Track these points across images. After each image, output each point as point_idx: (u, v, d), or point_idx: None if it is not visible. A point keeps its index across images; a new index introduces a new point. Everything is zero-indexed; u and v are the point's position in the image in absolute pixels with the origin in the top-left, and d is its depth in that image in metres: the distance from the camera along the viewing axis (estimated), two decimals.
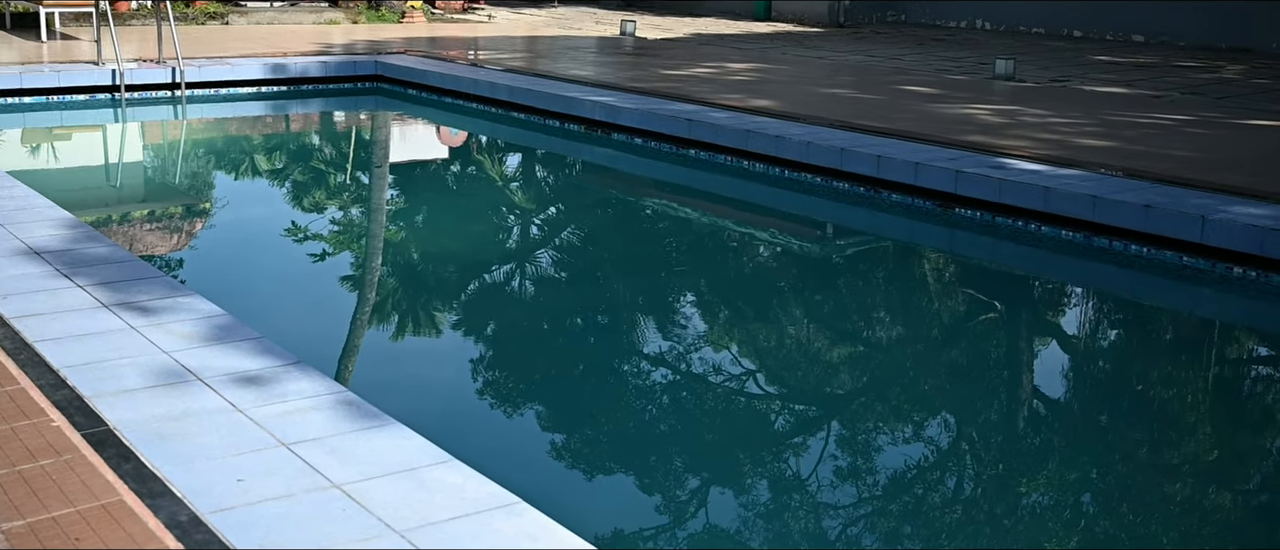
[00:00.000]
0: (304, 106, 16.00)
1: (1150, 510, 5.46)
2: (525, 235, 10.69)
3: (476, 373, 6.93)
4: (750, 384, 7.00)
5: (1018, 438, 6.42)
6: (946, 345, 7.92)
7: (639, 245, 10.10)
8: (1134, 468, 5.91)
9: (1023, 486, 5.62)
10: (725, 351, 7.49)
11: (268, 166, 12.79)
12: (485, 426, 6.12)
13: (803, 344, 7.89)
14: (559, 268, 9.50)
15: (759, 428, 6.37)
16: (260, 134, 14.62)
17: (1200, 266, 8.47)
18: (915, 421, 6.51)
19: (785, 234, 10.39)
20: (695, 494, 5.44)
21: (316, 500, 3.97)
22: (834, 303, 8.76)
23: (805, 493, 5.51)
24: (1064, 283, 9.35)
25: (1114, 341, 8.37)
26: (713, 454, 5.95)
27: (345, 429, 4.53)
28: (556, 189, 12.89)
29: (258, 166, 12.70)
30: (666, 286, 8.96)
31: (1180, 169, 9.97)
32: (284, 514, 3.87)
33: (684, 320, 8.10)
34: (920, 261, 10.01)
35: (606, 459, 5.85)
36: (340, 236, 10.03)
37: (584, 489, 5.42)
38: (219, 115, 15.07)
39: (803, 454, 5.95)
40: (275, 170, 12.71)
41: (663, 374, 7.07)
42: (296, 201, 11.28)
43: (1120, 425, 6.50)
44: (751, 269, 9.71)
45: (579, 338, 7.74)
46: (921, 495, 5.61)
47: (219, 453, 4.29)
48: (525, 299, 8.73)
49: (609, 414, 6.37)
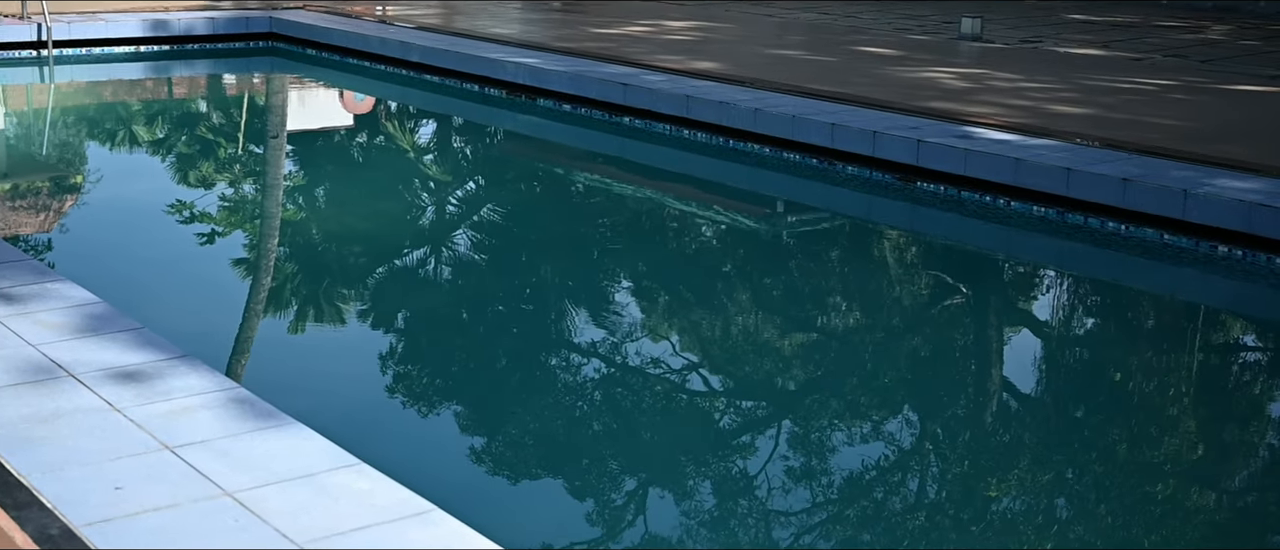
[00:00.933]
0: (189, 68, 15.80)
1: (1130, 513, 5.54)
2: (441, 213, 10.64)
3: (386, 367, 6.89)
4: (693, 378, 6.99)
5: (986, 435, 6.48)
6: (908, 334, 7.98)
7: (568, 224, 10.07)
8: (1112, 467, 5.99)
9: (992, 489, 5.69)
10: (665, 342, 7.49)
11: (148, 136, 12.63)
12: (396, 427, 6.08)
13: (750, 334, 7.91)
14: (479, 250, 9.46)
15: (702, 427, 6.38)
16: (139, 99, 14.41)
17: (1182, 245, 8.58)
18: (874, 419, 6.55)
19: (731, 211, 10.40)
20: (631, 499, 5.45)
21: (205, 510, 3.93)
22: (785, 287, 8.79)
23: (753, 498, 5.54)
24: (1035, 263, 9.44)
25: (1090, 328, 8.48)
26: (651, 456, 5.96)
27: (237, 430, 4.50)
28: (476, 161, 12.81)
29: (136, 136, 12.54)
30: (599, 270, 8.94)
31: (1161, 139, 10.13)
32: (168, 526, 3.83)
33: (619, 308, 8.10)
34: (879, 241, 10.05)
35: (532, 462, 5.84)
36: (231, 215, 9.93)
37: (507, 495, 5.41)
38: (92, 78, 14.85)
39: (750, 456, 5.97)
40: (156, 141, 12.56)
41: (595, 368, 7.07)
42: (181, 176, 11.16)
43: (1097, 420, 6.58)
44: (693, 250, 9.70)
45: (502, 328, 7.71)
46: (881, 499, 5.66)
47: (94, 458, 4.24)
48: (441, 285, 8.68)
49: (535, 412, 6.35)
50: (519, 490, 5.51)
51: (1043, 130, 10.37)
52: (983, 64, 14.42)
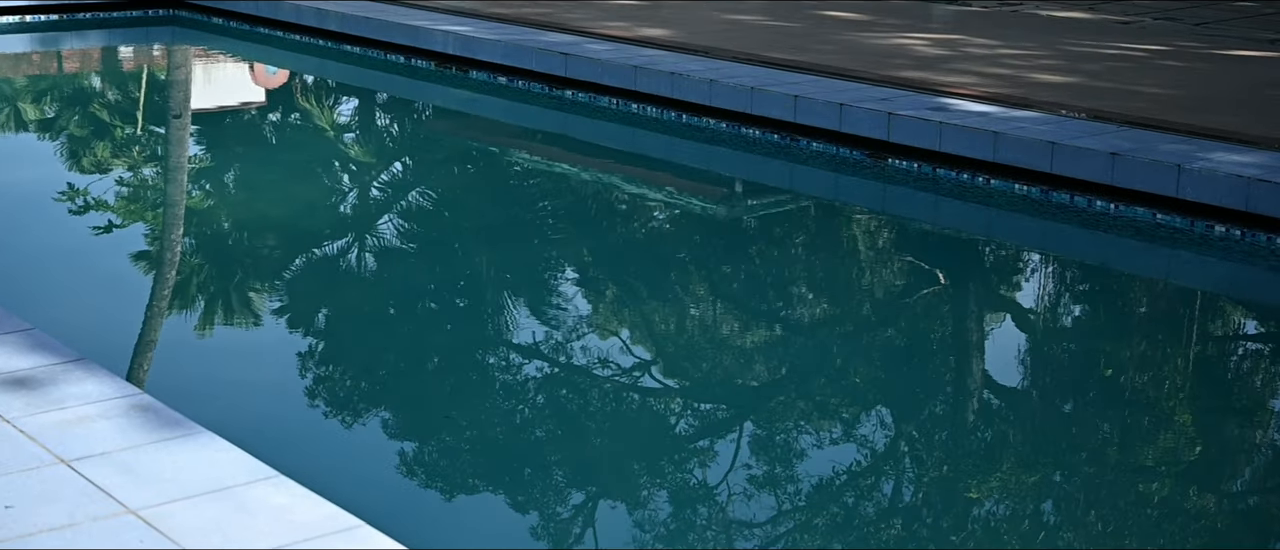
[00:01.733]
0: (81, 40, 15.66)
1: (1123, 516, 5.56)
2: (364, 199, 10.60)
3: (306, 369, 6.86)
4: (645, 378, 6.99)
5: (966, 435, 6.51)
6: (881, 326, 8.00)
7: (506, 210, 10.03)
8: (1103, 467, 6.03)
9: (973, 492, 5.72)
10: (614, 339, 7.49)
11: (35, 115, 12.51)
12: (319, 435, 6.05)
13: (708, 328, 7.92)
14: (407, 239, 9.42)
15: (657, 431, 6.38)
16: (25, 74, 14.27)
17: (1176, 225, 8.65)
18: (845, 420, 6.57)
19: (684, 193, 10.40)
20: (579, 513, 5.44)
21: (106, 530, 3.90)
22: (745, 277, 8.79)
23: (713, 509, 5.54)
24: (1018, 246, 9.49)
25: (1078, 317, 8.53)
26: (600, 464, 5.94)
27: (141, 441, 4.46)
28: (402, 141, 12.75)
29: (23, 116, 12.42)
30: (541, 260, 8.92)
31: (1152, 109, 10.21)
32: (65, 548, 3.79)
33: (563, 302, 8.08)
34: (847, 224, 10.07)
35: (470, 472, 5.82)
36: (130, 203, 9.85)
37: (442, 509, 5.39)
38: None
39: (710, 463, 5.96)
40: (45, 121, 12.45)
41: (538, 368, 7.05)
42: (73, 160, 11.06)
43: (1086, 417, 6.62)
44: (644, 237, 9.70)
45: (434, 325, 7.68)
46: (852, 508, 5.68)
47: None
48: (366, 278, 8.64)
49: (472, 418, 6.33)
50: (455, 504, 5.49)
51: (1024, 101, 10.44)
52: (958, 29, 14.50)
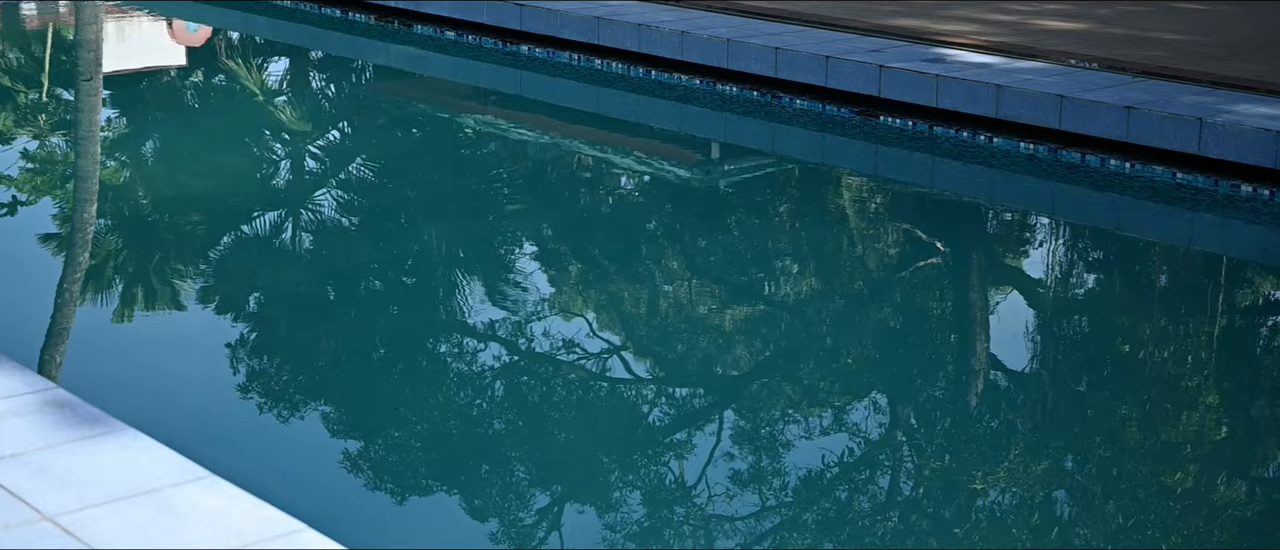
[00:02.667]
0: None
1: (1143, 509, 5.59)
2: (298, 170, 10.57)
3: (238, 359, 6.84)
4: (614, 364, 7.00)
5: (969, 423, 6.52)
6: (874, 303, 8.02)
7: (457, 179, 10.03)
8: (1121, 455, 6.04)
9: (978, 485, 5.72)
10: (578, 321, 7.50)
11: None
12: (253, 432, 6.04)
13: (682, 308, 7.92)
14: (347, 213, 9.40)
15: (628, 423, 6.39)
16: None
17: (1198, 185, 8.71)
18: (835, 408, 6.58)
19: (655, 158, 10.40)
20: (543, 516, 5.43)
21: (20, 538, 3.88)
22: (722, 250, 8.80)
23: (690, 509, 5.54)
24: (1024, 212, 9.53)
25: (1090, 288, 8.55)
26: (565, 461, 5.94)
27: (57, 440, 4.44)
28: (340, 104, 12.71)
29: None
30: (496, 235, 8.92)
31: (1171, 58, 10.23)
32: None
33: (521, 281, 8.07)
34: (835, 190, 10.07)
35: (421, 471, 5.81)
36: (36, 177, 9.80)
37: (391, 511, 5.38)
38: None
39: (686, 457, 5.97)
40: None
41: (495, 355, 7.06)
42: None
43: (1101, 399, 6.65)
44: (610, 207, 9.71)
45: (379, 309, 7.68)
46: (845, 505, 5.68)
47: None
48: (302, 257, 8.62)
49: (423, 411, 6.33)
50: (406, 507, 5.48)
51: (1030, 50, 10.45)
52: None
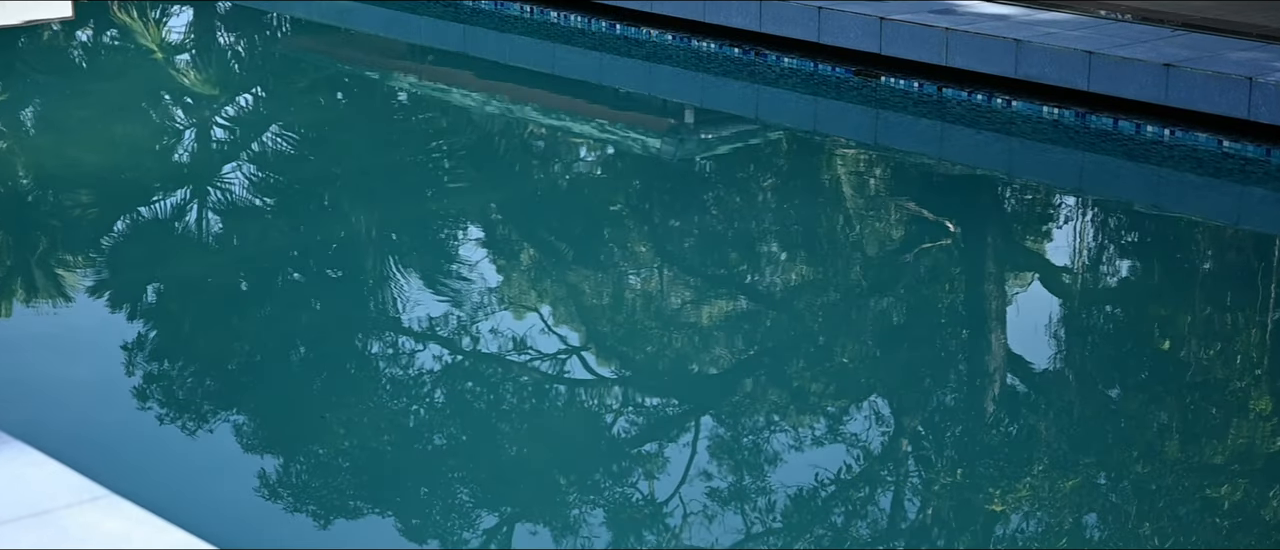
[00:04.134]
0: None
1: (1185, 530, 5.59)
2: (206, 141, 10.53)
3: (137, 362, 6.82)
4: (573, 366, 7.00)
5: (986, 431, 6.53)
6: (874, 293, 8.02)
7: (390, 151, 10.03)
8: (1160, 469, 6.07)
9: (996, 504, 5.74)
10: (531, 317, 7.50)
11: None
12: (158, 446, 6.01)
13: (652, 301, 7.91)
14: (263, 192, 9.39)
15: (588, 434, 6.37)
16: None
17: (1248, 154, 8.78)
18: (830, 415, 6.59)
19: (620, 126, 10.41)
20: (492, 538, 5.43)
21: None
22: (699, 233, 8.78)
23: (663, 532, 5.56)
24: (1047, 187, 9.56)
25: (1124, 276, 8.57)
26: (516, 478, 5.91)
27: None
28: (253, 64, 12.74)
29: None
30: (435, 217, 8.91)
31: (1216, 8, 10.26)
32: None
33: (465, 270, 8.05)
34: (830, 162, 10.09)
35: (350, 490, 5.78)
36: None
37: (316, 537, 5.36)
38: None
39: (658, 473, 5.96)
40: None
41: (435, 356, 7.04)
42: None
43: (1137, 405, 6.70)
44: (568, 184, 9.72)
45: (300, 304, 7.68)
46: (841, 526, 5.67)
47: None
48: (210, 245, 8.54)
49: (352, 419, 6.29)
50: (333, 530, 5.46)
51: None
52: None
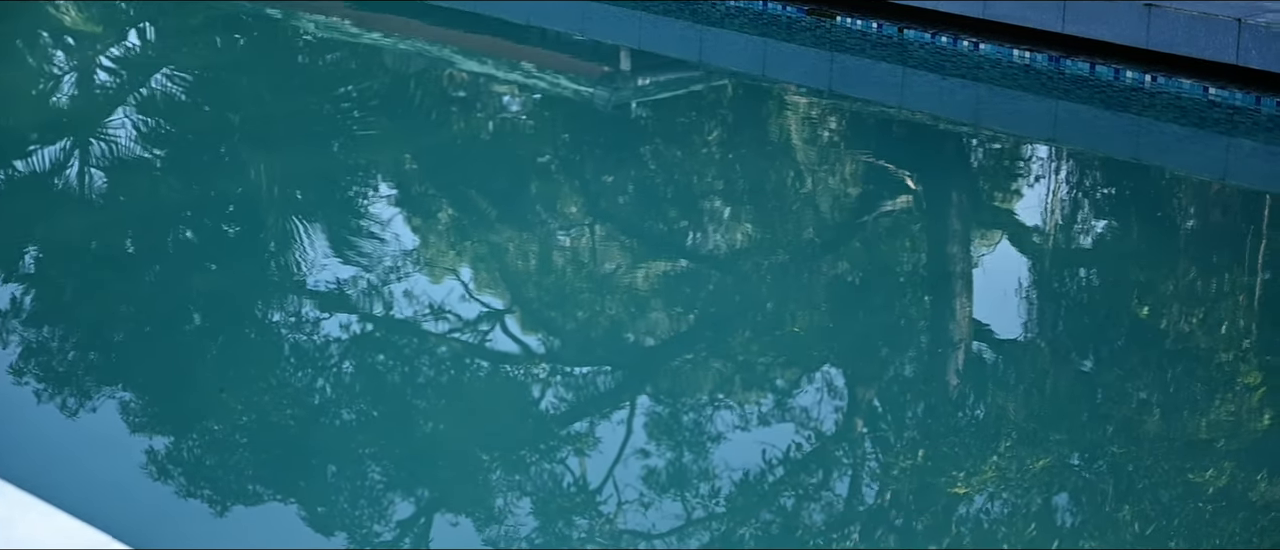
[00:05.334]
0: None
1: (1167, 514, 5.57)
2: (87, 87, 10.57)
3: (9, 334, 6.76)
4: (496, 335, 6.99)
5: (950, 407, 6.53)
6: (828, 254, 8.02)
7: (293, 97, 10.05)
8: (1138, 447, 6.05)
9: (960, 487, 5.72)
10: (450, 281, 7.50)
11: None
12: (36, 424, 5.99)
13: (584, 263, 7.93)
14: (152, 143, 9.38)
15: (513, 410, 6.35)
16: None
17: (1237, 102, 8.76)
18: (779, 388, 6.58)
19: (549, 71, 10.45)
20: (407, 528, 5.40)
21: None
22: (635, 189, 8.84)
23: (595, 518, 5.53)
24: (1017, 138, 9.58)
25: (1100, 235, 8.59)
26: (434, 458, 5.91)
27: None
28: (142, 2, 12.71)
29: None
30: (344, 171, 8.92)
31: None
32: None
33: (377, 229, 8.06)
34: (779, 111, 10.11)
35: (250, 472, 5.75)
36: None
37: (212, 524, 5.31)
38: None
39: (589, 452, 5.95)
40: None
41: (343, 325, 7.01)
42: None
43: (1114, 377, 6.67)
44: (492, 135, 9.72)
45: (194, 266, 7.61)
46: (791, 510, 5.66)
47: None
48: (94, 201, 8.59)
49: (253, 396, 6.26)
50: (231, 517, 5.41)
51: None
52: None
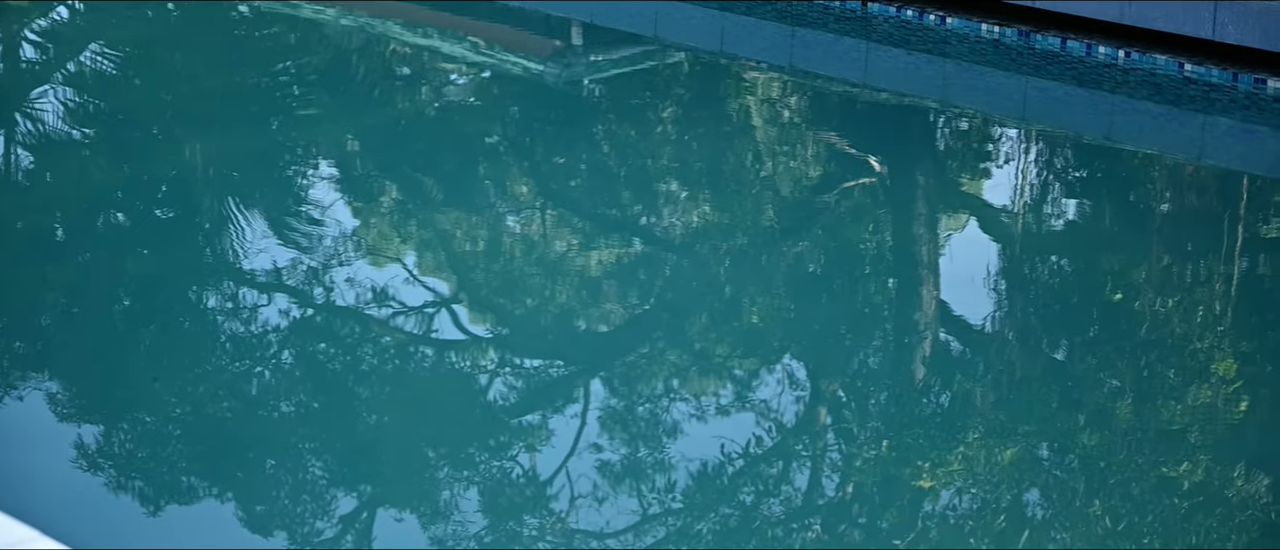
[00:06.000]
0: None
1: (1139, 507, 5.57)
2: (11, 61, 10.58)
3: None
4: (443, 322, 7.00)
5: (913, 395, 6.52)
6: (788, 238, 8.01)
7: (228, 73, 10.01)
8: (1110, 437, 6.05)
9: (924, 479, 5.70)
10: (393, 266, 7.47)
11: None
12: None
13: (534, 247, 7.91)
14: (79, 121, 9.34)
15: (460, 401, 6.34)
16: None
17: (1213, 79, 8.76)
18: (737, 378, 6.57)
19: (498, 47, 10.40)
20: (348, 524, 5.38)
21: None
22: (588, 170, 8.84)
23: (547, 515, 5.51)
24: (985, 116, 9.59)
25: (1072, 219, 8.60)
26: (376, 450, 5.87)
27: None
28: None
29: None
30: (282, 149, 8.93)
31: None
32: None
33: (316, 211, 8.04)
34: (737, 89, 10.11)
35: (184, 465, 5.71)
36: None
37: (144, 521, 5.31)
38: None
39: (540, 445, 5.94)
40: None
41: (281, 311, 7.00)
42: None
43: (1085, 365, 6.67)
44: (437, 112, 9.74)
45: (125, 249, 7.58)
46: (751, 505, 5.64)
47: None
48: (18, 181, 8.57)
49: (186, 385, 6.21)
50: (165, 514, 5.40)
51: None
52: None
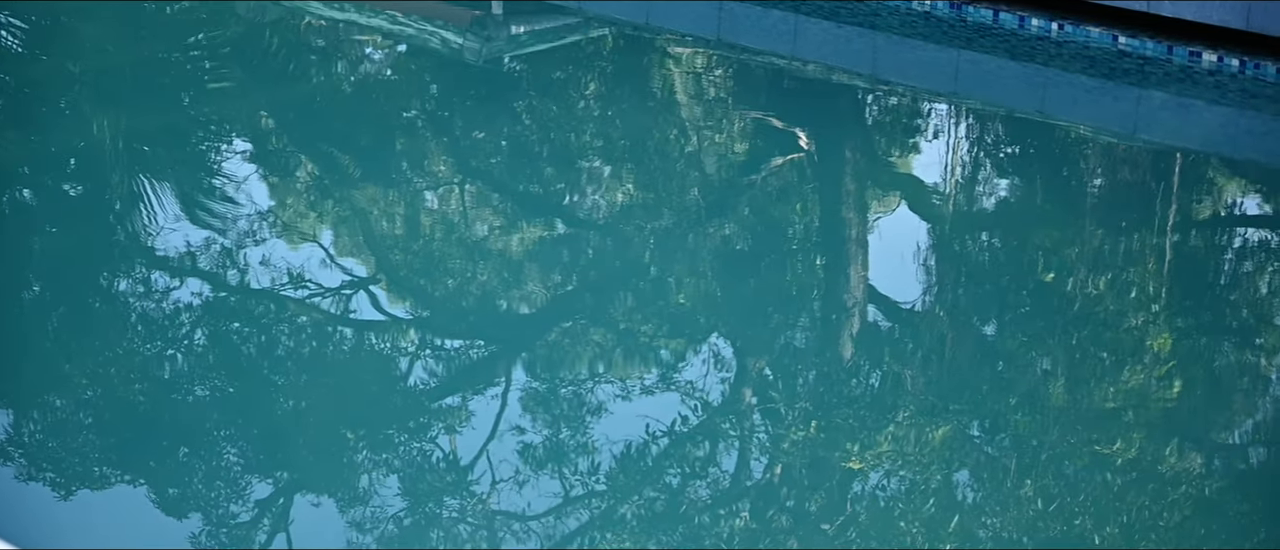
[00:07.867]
0: None
1: (1072, 490, 5.63)
2: None
3: None
4: (360, 303, 7.01)
5: (843, 375, 6.56)
6: (714, 215, 8.08)
7: (137, 45, 10.01)
8: (1043, 418, 6.12)
9: (853, 462, 5.75)
10: (310, 245, 7.50)
11: None
12: None
13: (454, 226, 7.97)
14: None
15: (378, 383, 6.38)
16: None
17: (1147, 52, 8.93)
18: (662, 360, 6.65)
19: (416, 19, 10.42)
20: (264, 511, 5.42)
21: None
22: (509, 145, 8.85)
23: (467, 499, 5.56)
24: (915, 91, 9.66)
25: (1004, 196, 8.68)
26: (294, 437, 5.91)
27: None
28: None
29: None
30: (195, 125, 8.90)
31: None
32: None
33: (229, 188, 8.05)
34: (662, 60, 10.16)
35: (96, 453, 5.74)
36: None
37: (49, 504, 5.34)
38: None
39: (460, 428, 5.99)
40: None
41: (194, 292, 7.00)
42: None
43: (1018, 344, 6.79)
44: (354, 87, 9.76)
45: (30, 226, 7.61)
46: (676, 489, 5.70)
47: None
48: None
49: (95, 370, 6.25)
50: (74, 499, 5.42)
51: None
52: None
